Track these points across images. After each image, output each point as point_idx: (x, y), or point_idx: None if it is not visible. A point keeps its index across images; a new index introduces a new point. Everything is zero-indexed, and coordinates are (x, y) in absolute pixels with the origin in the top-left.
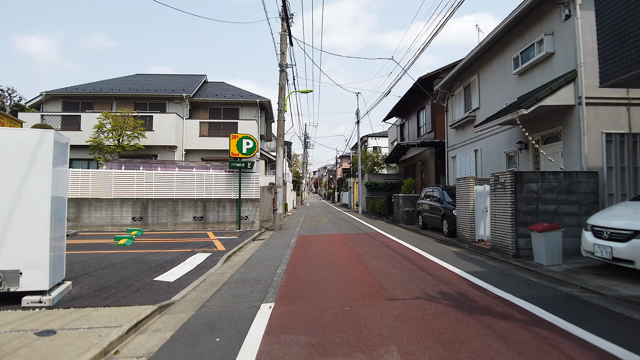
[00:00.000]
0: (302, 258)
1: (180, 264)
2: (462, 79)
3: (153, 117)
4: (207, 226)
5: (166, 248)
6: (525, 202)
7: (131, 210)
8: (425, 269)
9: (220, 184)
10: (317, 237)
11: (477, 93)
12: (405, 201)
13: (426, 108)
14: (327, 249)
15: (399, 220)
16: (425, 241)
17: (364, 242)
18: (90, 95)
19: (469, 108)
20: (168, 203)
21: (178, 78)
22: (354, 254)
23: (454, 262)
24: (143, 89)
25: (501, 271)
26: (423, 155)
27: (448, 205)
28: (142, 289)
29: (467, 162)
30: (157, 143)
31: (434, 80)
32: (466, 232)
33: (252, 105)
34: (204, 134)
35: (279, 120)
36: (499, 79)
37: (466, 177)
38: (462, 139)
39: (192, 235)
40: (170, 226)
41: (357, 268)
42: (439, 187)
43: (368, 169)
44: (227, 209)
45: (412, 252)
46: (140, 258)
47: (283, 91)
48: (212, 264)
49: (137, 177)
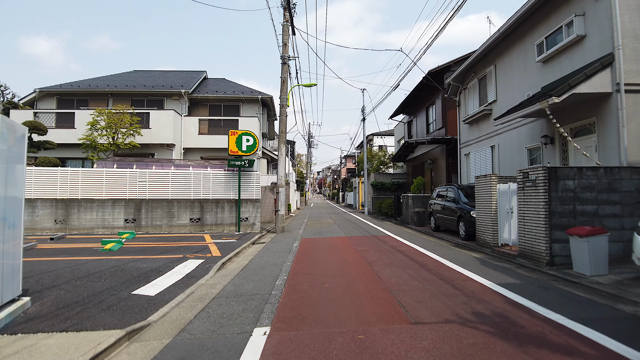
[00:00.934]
0: (305, 265)
1: (167, 273)
2: (476, 70)
3: (150, 114)
4: (204, 228)
5: (156, 253)
6: (560, 202)
7: (123, 212)
8: (448, 280)
9: (218, 184)
10: (322, 241)
11: (494, 85)
12: (415, 201)
13: (436, 103)
14: (333, 254)
15: (409, 222)
16: (440, 245)
17: (374, 246)
18: (86, 91)
19: (485, 101)
20: (163, 204)
21: (177, 74)
22: (364, 261)
23: (479, 271)
24: (140, 85)
25: (538, 283)
26: (432, 153)
27: (465, 206)
28: (115, 305)
29: (483, 160)
30: (154, 141)
31: (444, 74)
32: (487, 236)
33: (254, 102)
34: (204, 132)
35: (281, 116)
36: (518, 69)
37: (487, 175)
38: (477, 134)
39: (188, 238)
40: (165, 228)
41: (369, 279)
42: (453, 187)
43: (374, 168)
44: (225, 210)
45: (428, 258)
46: (123, 266)
47: (285, 85)
48: (204, 273)
49: (130, 177)
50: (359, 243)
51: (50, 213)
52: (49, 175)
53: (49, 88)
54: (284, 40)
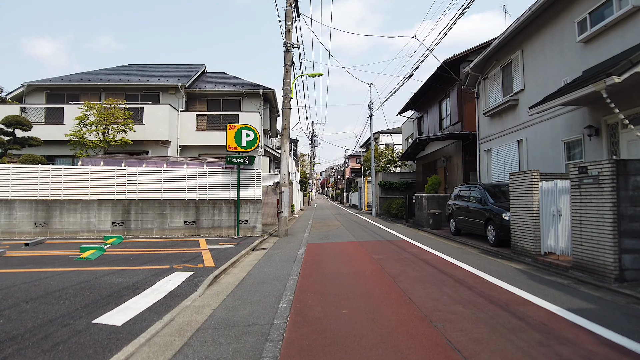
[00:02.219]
0: (314, 281)
1: (146, 291)
2: (499, 57)
3: (143, 109)
4: (200, 232)
5: (139, 263)
6: (632, 203)
7: (111, 214)
8: (500, 303)
9: (216, 183)
10: (331, 247)
11: (520, 72)
12: (431, 202)
13: (451, 96)
14: (346, 264)
15: (423, 224)
16: (468, 253)
17: (391, 254)
18: (77, 86)
19: (509, 91)
20: (154, 205)
21: (174, 68)
22: (385, 275)
23: (531, 288)
24: (134, 78)
25: (620, 308)
26: (446, 150)
27: (494, 208)
28: (63, 343)
29: (507, 156)
30: (148, 138)
31: (460, 65)
32: (527, 242)
33: (255, 97)
34: (202, 128)
35: (284, 109)
36: (553, 52)
37: (527, 171)
38: (500, 128)
39: (180, 244)
40: (156, 232)
41: (398, 301)
42: (478, 186)
43: (381, 167)
44: (223, 212)
45: (461, 270)
46: (95, 281)
47: (289, 75)
48: (191, 290)
49: (119, 175)
50: (373, 250)
51: (30, 215)
52: (28, 173)
53: (37, 82)
54: (287, 27)
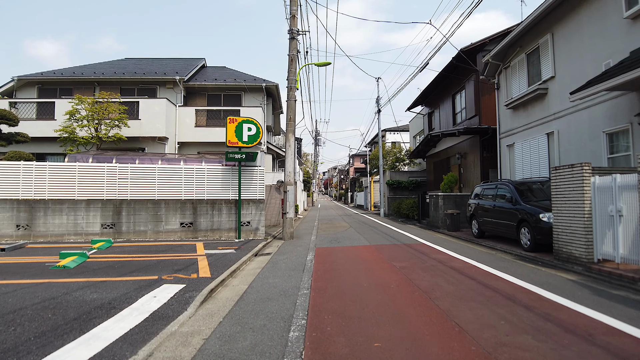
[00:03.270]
0: (330, 297)
1: (124, 312)
2: (523, 44)
3: (139, 103)
4: (197, 235)
5: (123, 273)
6: None
7: (100, 215)
8: (580, 332)
9: (215, 181)
10: (343, 252)
11: (550, 58)
12: (447, 202)
13: (466, 88)
14: (365, 274)
15: (439, 226)
16: (501, 259)
17: (414, 261)
18: (69, 80)
19: (537, 79)
20: (148, 205)
21: (172, 62)
22: (415, 289)
23: (608, 309)
24: (130, 72)
25: None
26: (461, 146)
27: (528, 208)
28: None
29: (534, 150)
30: (144, 134)
31: (477, 54)
32: (575, 248)
33: (257, 91)
34: (201, 124)
35: (289, 100)
36: (591, 33)
37: (576, 164)
38: (525, 121)
39: (175, 248)
40: (150, 235)
41: (443, 329)
42: (507, 183)
43: (389, 166)
44: (223, 213)
45: (506, 283)
46: (63, 297)
47: (294, 64)
48: (179, 310)
49: (109, 173)
50: (392, 255)
51: (11, 217)
52: (10, 170)
53: (28, 76)
54: (292, 12)
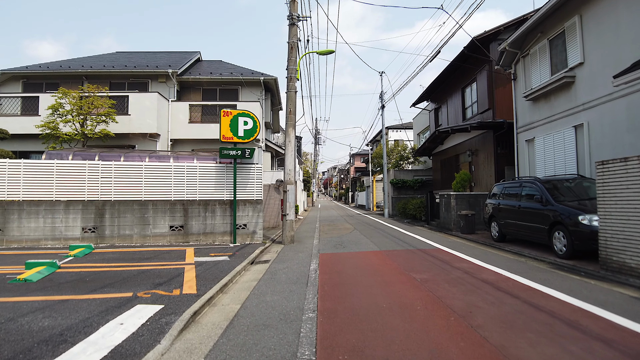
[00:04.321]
0: (343, 324)
1: (76, 347)
2: (544, 29)
3: (129, 98)
4: (188, 239)
5: (92, 289)
6: None
7: (81, 218)
8: None
9: (208, 180)
10: (350, 259)
11: (579, 42)
12: (460, 202)
13: (478, 81)
14: (382, 290)
15: (451, 228)
16: (537, 269)
17: (436, 271)
18: (56, 73)
19: (562, 66)
20: (134, 207)
21: (165, 55)
22: (448, 312)
23: None
24: (120, 65)
25: None
26: (472, 142)
27: (565, 209)
28: None
29: (559, 145)
30: (134, 130)
31: (490, 44)
32: (630, 257)
33: (255, 85)
34: (196, 120)
35: (289, 92)
36: (628, 11)
37: (632, 158)
38: (547, 113)
39: (161, 255)
40: (136, 239)
41: None
42: (534, 181)
43: (393, 164)
44: (217, 215)
45: (560, 303)
46: (4, 326)
47: (294, 52)
48: (151, 342)
49: (90, 171)
50: (407, 264)
51: None
52: None
53: (13, 70)
54: None
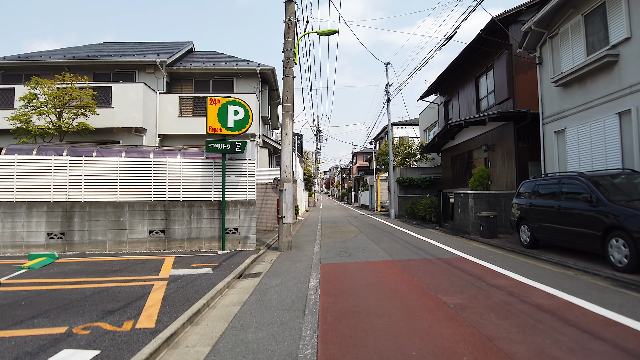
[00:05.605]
0: None
1: None
2: (577, 4)
3: (112, 89)
4: (171, 245)
5: (13, 322)
6: None
7: (45, 222)
8: None
9: (194, 178)
10: (358, 272)
11: (624, 14)
12: (478, 202)
13: (495, 68)
14: (406, 325)
15: (468, 231)
16: (598, 288)
17: (471, 291)
18: (35, 64)
19: (601, 45)
20: (107, 209)
21: (154, 45)
22: None
23: None
24: (105, 55)
25: None
26: (488, 137)
27: (619, 210)
28: None
29: (599, 135)
30: (118, 124)
31: (509, 27)
32: None
33: (251, 77)
34: (187, 114)
35: (286, 77)
36: None
37: None
38: (582, 99)
39: (133, 267)
40: (111, 246)
41: None
42: (577, 177)
43: (399, 162)
44: (204, 218)
45: None
46: None
47: (291, 32)
48: None
49: (57, 167)
50: (432, 281)
51: None
52: None
53: None
54: None
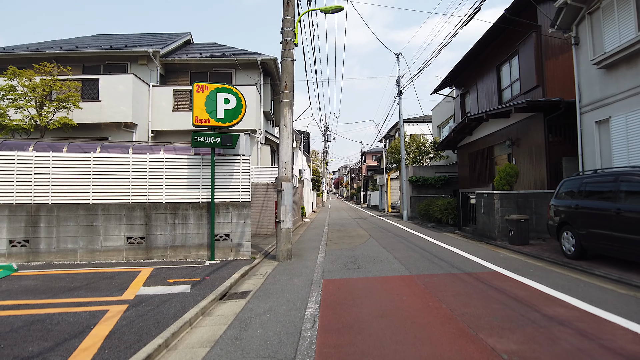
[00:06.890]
0: None
1: None
2: None
3: (99, 81)
4: (152, 254)
5: None
6: None
7: (7, 228)
8: None
9: (179, 177)
10: (370, 294)
11: None
12: (505, 203)
13: (521, 53)
14: None
15: (493, 236)
16: None
17: (527, 330)
18: (22, 56)
19: None
20: (78, 213)
21: (149, 37)
22: None
23: None
24: (95, 46)
25: None
26: (511, 130)
27: None
28: None
29: None
30: (106, 119)
31: (537, 5)
32: None
33: (252, 68)
34: (182, 108)
35: (285, 60)
36: None
37: None
38: (632, 82)
39: (97, 282)
40: (82, 255)
41: None
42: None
43: (411, 160)
44: (190, 222)
45: None
46: None
47: (290, 9)
48: None
49: (20, 166)
50: (466, 310)
51: None
52: None
53: None
54: None
